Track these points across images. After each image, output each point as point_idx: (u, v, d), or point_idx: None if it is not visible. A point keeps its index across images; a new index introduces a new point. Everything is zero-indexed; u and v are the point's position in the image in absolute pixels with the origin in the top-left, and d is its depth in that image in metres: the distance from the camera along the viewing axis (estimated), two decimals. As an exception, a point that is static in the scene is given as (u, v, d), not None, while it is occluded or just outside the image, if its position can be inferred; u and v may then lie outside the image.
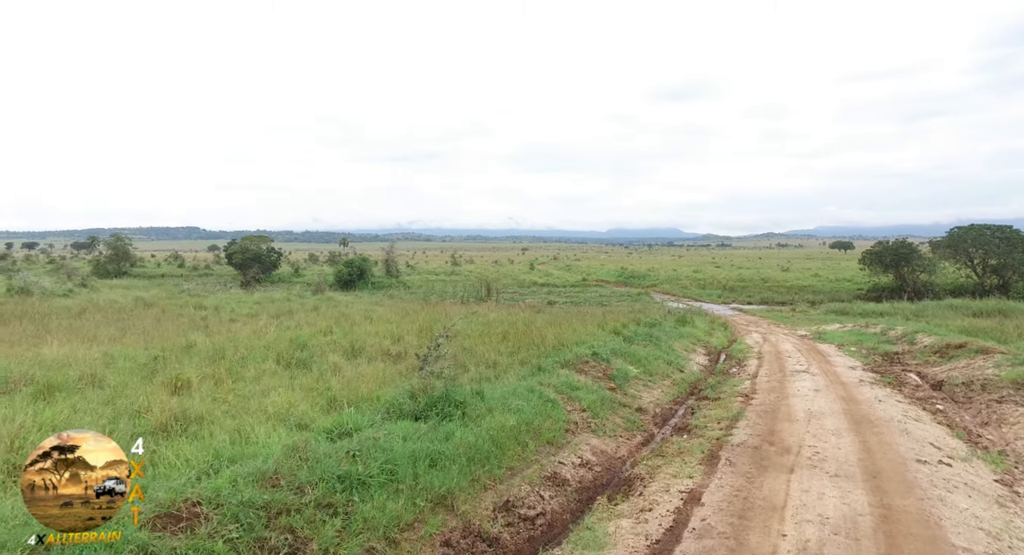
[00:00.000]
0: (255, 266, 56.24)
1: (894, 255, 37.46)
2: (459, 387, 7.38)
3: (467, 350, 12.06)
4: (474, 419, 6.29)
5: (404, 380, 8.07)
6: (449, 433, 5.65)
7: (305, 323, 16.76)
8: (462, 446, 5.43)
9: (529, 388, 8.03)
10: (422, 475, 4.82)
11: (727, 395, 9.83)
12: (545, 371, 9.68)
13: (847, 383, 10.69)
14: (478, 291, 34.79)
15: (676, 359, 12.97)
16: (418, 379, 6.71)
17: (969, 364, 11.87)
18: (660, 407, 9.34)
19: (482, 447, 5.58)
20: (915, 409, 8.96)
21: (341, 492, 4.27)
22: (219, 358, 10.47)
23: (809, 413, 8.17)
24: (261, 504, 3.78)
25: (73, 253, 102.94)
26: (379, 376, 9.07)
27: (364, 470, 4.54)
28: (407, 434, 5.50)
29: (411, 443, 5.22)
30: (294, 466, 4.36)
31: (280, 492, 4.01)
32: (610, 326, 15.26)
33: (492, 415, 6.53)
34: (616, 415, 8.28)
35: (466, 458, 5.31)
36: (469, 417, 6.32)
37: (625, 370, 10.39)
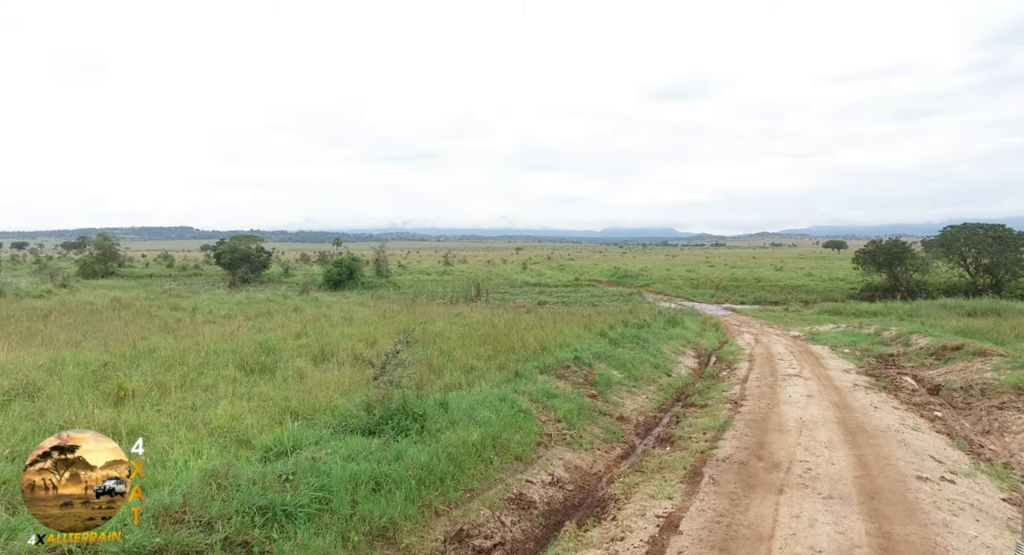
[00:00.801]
0: (244, 266, 55.54)
1: (887, 254, 37.15)
2: (420, 398, 6.82)
3: (445, 354, 11.49)
4: (433, 434, 5.72)
5: (369, 388, 7.49)
6: (400, 451, 5.08)
7: (281, 325, 16.13)
8: (413, 466, 4.85)
9: (501, 396, 7.46)
10: (362, 503, 4.25)
11: (715, 402, 9.30)
12: (522, 377, 9.13)
13: (841, 388, 10.19)
14: (468, 291, 34.20)
15: (663, 362, 12.44)
16: (374, 389, 6.13)
17: (967, 367, 11.40)
18: (644, 415, 8.79)
19: (436, 467, 5.00)
20: (912, 416, 8.46)
21: (260, 527, 3.70)
22: (178, 363, 9.87)
23: (801, 422, 7.64)
24: (152, 549, 3.20)
25: (62, 253, 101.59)
26: (343, 383, 8.48)
27: (292, 499, 3.96)
28: (354, 453, 4.93)
29: (355, 464, 4.64)
30: (208, 496, 3.77)
31: (183, 530, 3.43)
32: (596, 328, 14.72)
33: (454, 429, 5.96)
34: (595, 425, 7.72)
35: (416, 480, 4.73)
36: (428, 431, 5.75)
37: (608, 375, 9.84)
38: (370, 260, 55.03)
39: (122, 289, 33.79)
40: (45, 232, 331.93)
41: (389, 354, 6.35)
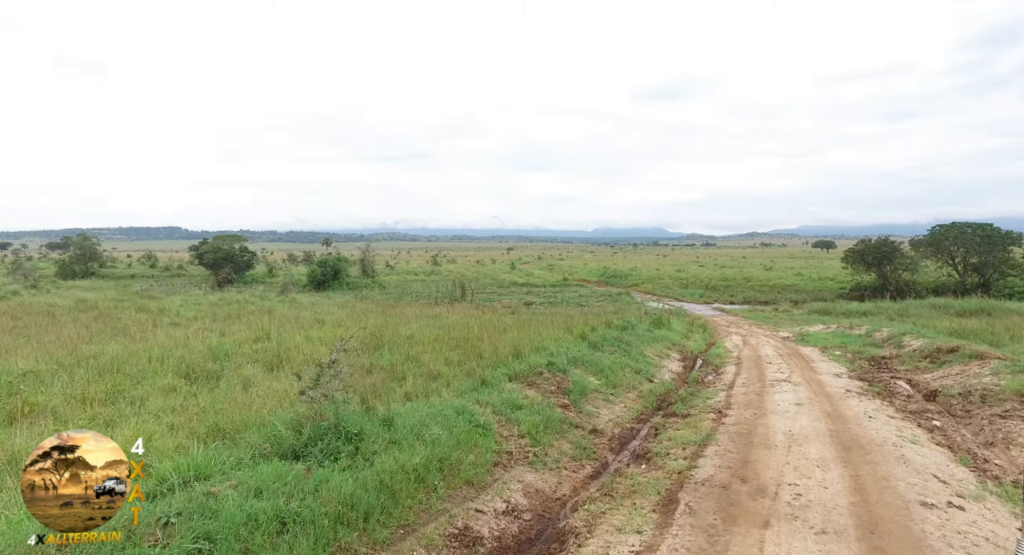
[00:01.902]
0: (227, 266, 54.53)
1: (876, 254, 36.84)
2: (368, 411, 6.05)
3: (412, 358, 10.73)
4: (368, 457, 4.95)
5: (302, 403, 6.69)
6: (321, 481, 4.30)
7: (247, 327, 15.27)
8: (332, 500, 4.08)
9: (459, 409, 6.70)
10: (256, 552, 3.47)
11: (698, 411, 8.60)
12: (489, 385, 8.38)
13: (832, 394, 9.52)
14: (452, 292, 33.41)
15: (646, 367, 11.73)
16: (303, 405, 5.35)
17: (963, 371, 10.80)
18: (620, 427, 8.05)
19: (362, 499, 4.23)
20: (910, 426, 7.80)
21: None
22: (115, 372, 9.03)
23: (790, 436, 6.94)
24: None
25: (43, 253, 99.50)
26: (292, 394, 7.69)
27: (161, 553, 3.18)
28: (265, 484, 4.15)
29: (259, 500, 3.86)
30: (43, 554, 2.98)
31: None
32: (577, 330, 13.99)
33: (396, 449, 5.20)
34: (564, 440, 6.97)
35: (333, 518, 3.96)
36: (363, 454, 4.98)
37: (584, 382, 9.11)
38: (356, 260, 54.25)
39: (95, 290, 32.66)
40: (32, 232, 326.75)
41: (324, 364, 5.58)
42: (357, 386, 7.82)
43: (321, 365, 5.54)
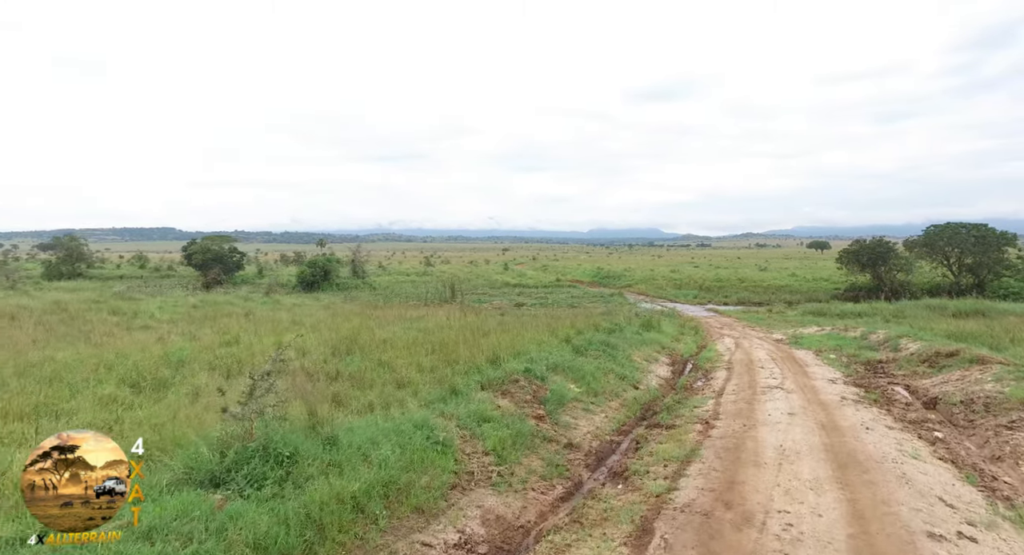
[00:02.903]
0: (216, 267, 53.83)
1: (871, 254, 36.45)
2: (314, 427, 5.42)
3: (383, 364, 10.11)
4: (300, 483, 4.33)
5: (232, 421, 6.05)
6: (233, 516, 3.68)
7: (220, 330, 14.61)
8: (240, 542, 3.46)
9: (420, 422, 6.09)
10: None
11: (684, 421, 8.00)
12: (459, 394, 7.77)
13: (827, 403, 8.96)
14: (442, 293, 32.81)
15: (632, 373, 11.13)
16: (231, 423, 4.72)
17: (964, 376, 10.25)
18: (599, 439, 7.45)
19: (278, 538, 3.61)
20: (910, 438, 7.24)
21: None
22: (58, 380, 8.38)
23: (781, 451, 6.36)
24: None
25: (32, 254, 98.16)
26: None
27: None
28: (164, 522, 3.52)
29: (147, 546, 3.24)
30: None
31: None
32: (562, 333, 13.40)
33: (336, 473, 4.58)
34: (535, 456, 6.36)
35: (238, 566, 3.34)
36: (294, 480, 4.36)
37: (562, 390, 8.50)
38: (348, 261, 53.66)
39: (76, 291, 31.83)
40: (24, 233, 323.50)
41: (257, 376, 4.95)
42: (317, 395, 7.19)
43: (254, 378, 4.91)
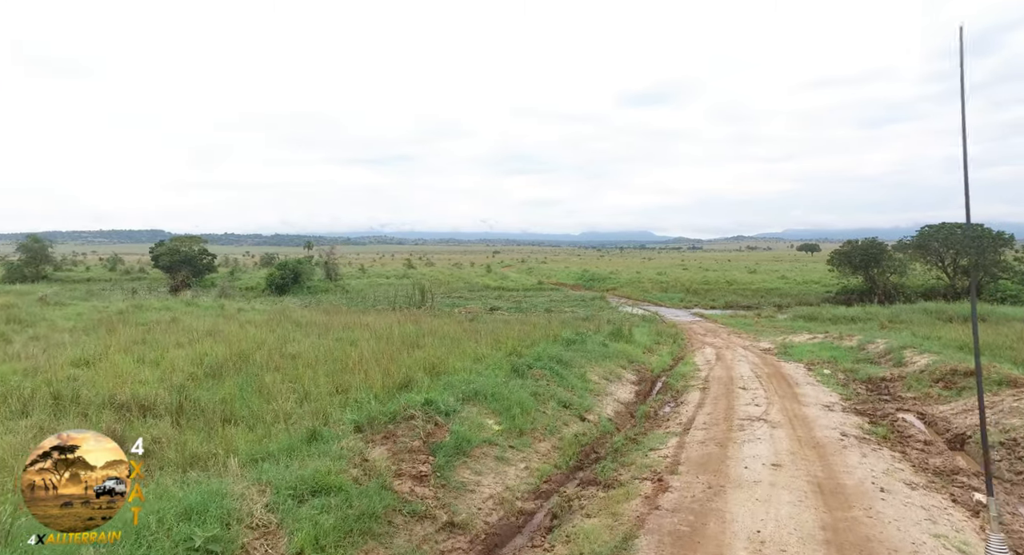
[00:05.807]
0: (184, 269, 51.57)
1: (863, 255, 34.70)
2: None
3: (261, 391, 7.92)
4: None
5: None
6: None
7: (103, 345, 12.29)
8: None
9: (206, 500, 3.92)
10: None
11: (631, 475, 5.87)
12: (321, 439, 5.62)
13: (824, 443, 6.85)
14: (412, 297, 30.69)
15: (581, 398, 8.97)
16: None
17: (994, 403, 8.18)
18: (504, 509, 5.26)
19: None
20: (943, 506, 5.14)
21: None
22: None
23: (759, 544, 4.23)
24: None
25: (2, 257, 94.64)
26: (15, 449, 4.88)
27: None
28: None
29: None
30: None
31: None
32: (509, 345, 11.26)
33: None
34: (381, 550, 4.20)
35: None
36: None
37: (469, 432, 6.30)
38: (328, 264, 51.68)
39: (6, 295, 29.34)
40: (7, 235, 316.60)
41: None
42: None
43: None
